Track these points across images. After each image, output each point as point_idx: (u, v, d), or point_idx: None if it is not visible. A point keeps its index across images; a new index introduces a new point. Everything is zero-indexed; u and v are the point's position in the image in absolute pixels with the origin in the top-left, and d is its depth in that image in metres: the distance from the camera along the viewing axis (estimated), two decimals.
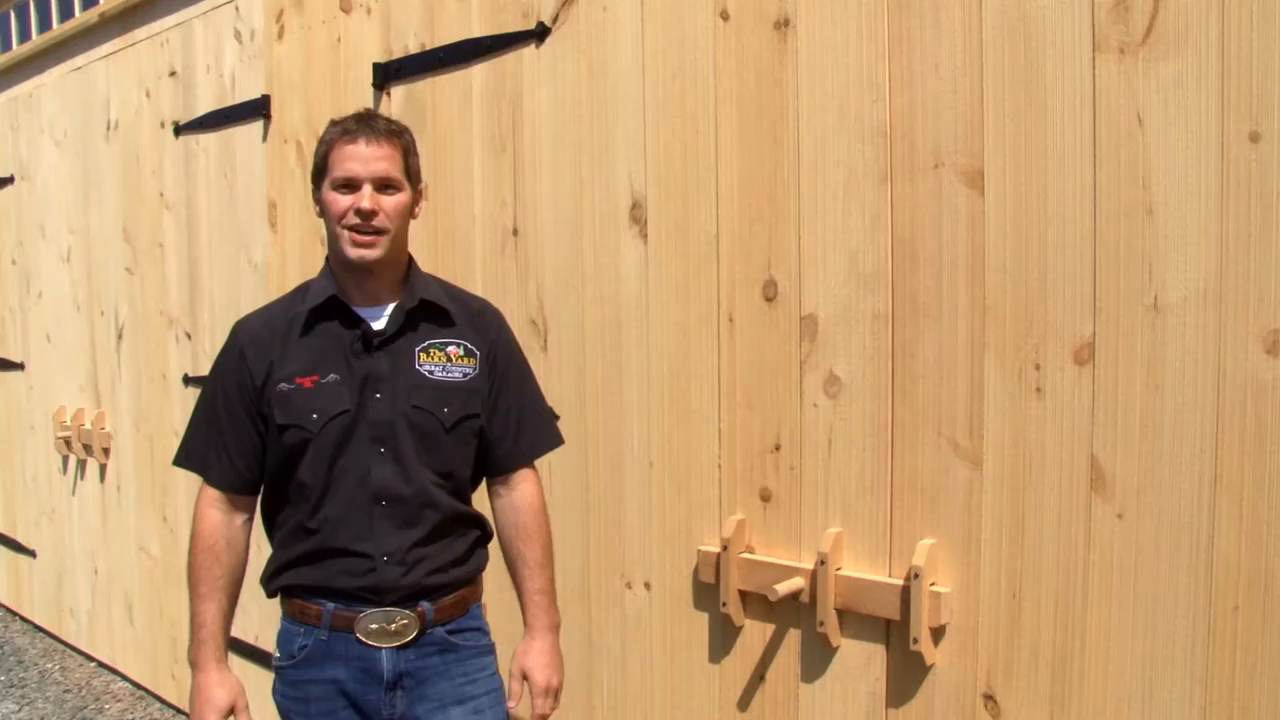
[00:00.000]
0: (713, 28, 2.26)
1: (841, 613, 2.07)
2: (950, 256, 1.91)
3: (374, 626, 1.90)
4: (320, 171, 1.93)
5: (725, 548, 2.23)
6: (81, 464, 4.77)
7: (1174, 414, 1.68)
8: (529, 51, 2.67)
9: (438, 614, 1.95)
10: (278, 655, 2.00)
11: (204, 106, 3.80)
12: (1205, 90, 1.64)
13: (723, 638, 2.32)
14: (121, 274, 4.35)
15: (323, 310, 1.94)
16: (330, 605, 1.91)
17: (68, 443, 4.78)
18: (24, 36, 5.23)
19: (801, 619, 2.15)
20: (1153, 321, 1.70)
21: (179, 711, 4.26)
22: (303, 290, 2.03)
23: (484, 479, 2.09)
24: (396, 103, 3.01)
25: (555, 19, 2.60)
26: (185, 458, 2.04)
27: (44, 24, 5.05)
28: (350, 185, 1.87)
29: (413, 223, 1.99)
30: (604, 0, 2.49)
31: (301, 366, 1.92)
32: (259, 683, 3.51)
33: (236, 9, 3.62)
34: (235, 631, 3.82)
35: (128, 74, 4.24)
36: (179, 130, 3.92)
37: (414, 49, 2.98)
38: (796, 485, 2.16)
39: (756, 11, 2.18)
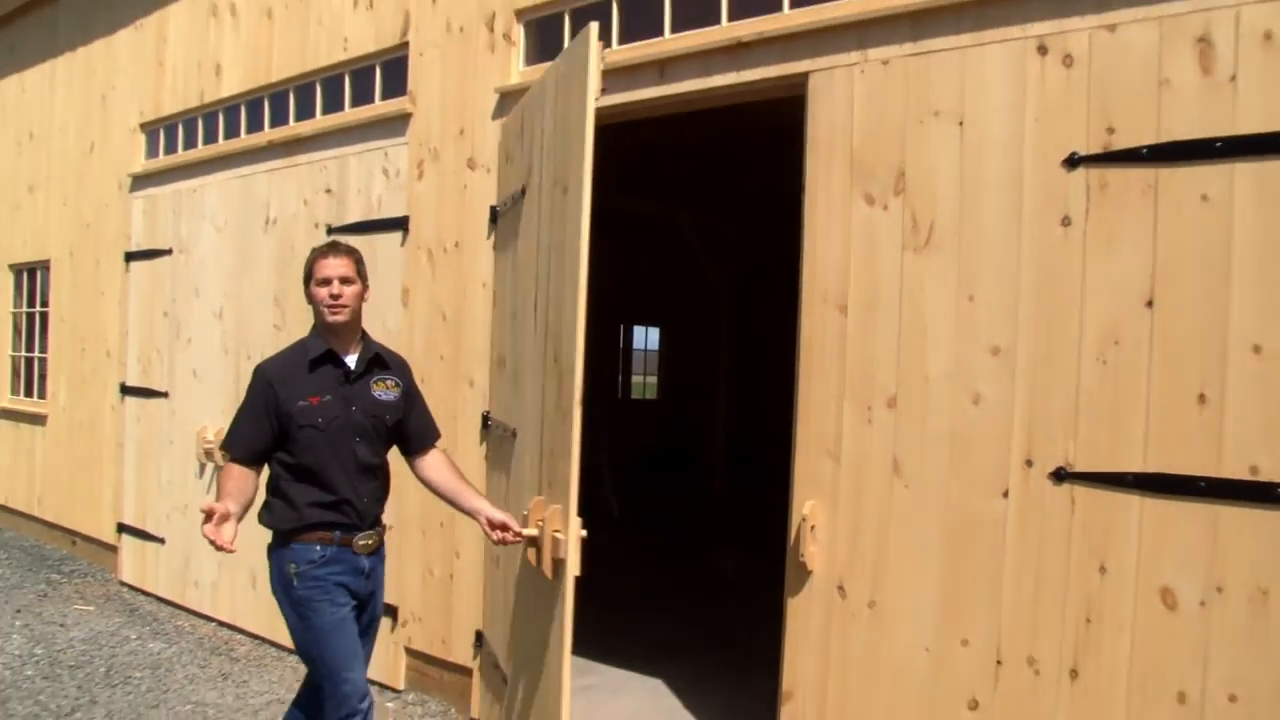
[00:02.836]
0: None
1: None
2: (832, 350, 3.56)
3: (363, 542, 3.34)
4: (308, 276, 3.39)
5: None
6: (218, 469, 6.32)
7: (933, 431, 3.31)
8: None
9: (381, 536, 3.45)
10: (296, 565, 3.26)
11: (353, 217, 5.45)
12: (950, 273, 3.30)
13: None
14: (270, 329, 5.95)
15: (321, 358, 3.37)
16: (338, 532, 3.29)
17: (208, 453, 6.33)
18: (189, 145, 6.91)
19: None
20: (925, 386, 3.34)
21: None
22: (303, 346, 3.42)
23: (407, 455, 3.57)
24: (499, 231, 4.66)
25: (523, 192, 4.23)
26: (228, 442, 3.37)
27: (210, 137, 6.72)
28: (325, 282, 3.35)
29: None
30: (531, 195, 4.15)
31: (311, 391, 3.31)
32: None
33: (385, 154, 5.29)
34: None
35: (288, 186, 5.90)
36: (330, 231, 5.56)
37: (506, 199, 4.65)
38: None
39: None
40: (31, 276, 8.96)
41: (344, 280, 3.39)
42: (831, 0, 3.68)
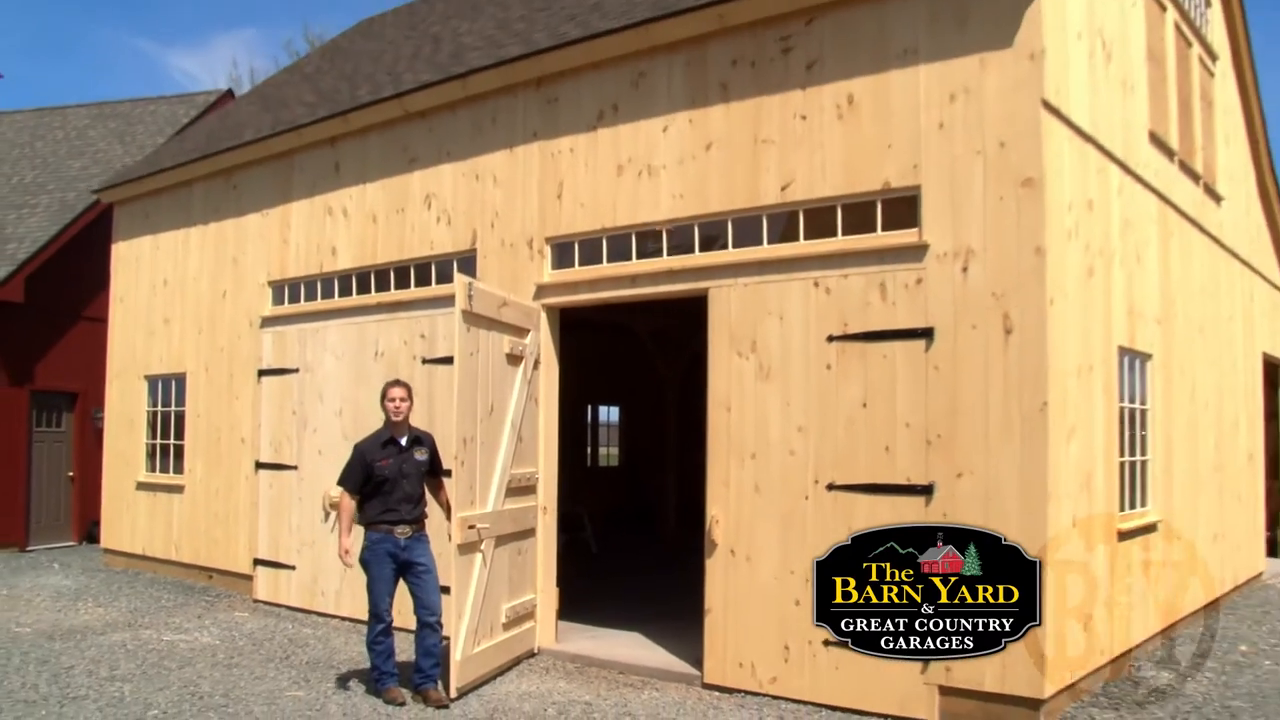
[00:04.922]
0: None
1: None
2: (723, 430, 6.99)
3: (400, 530, 6.77)
4: (383, 397, 7.02)
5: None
6: (333, 508, 9.51)
7: (773, 469, 6.75)
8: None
9: (417, 529, 6.88)
10: (367, 541, 6.84)
11: (442, 353, 8.79)
12: (778, 392, 6.78)
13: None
14: (378, 423, 9.21)
15: (388, 441, 6.91)
16: (386, 526, 6.77)
17: (332, 505, 9.54)
18: (310, 298, 10.24)
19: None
20: (769, 447, 6.79)
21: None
22: (378, 434, 7.00)
23: (427, 481, 7.02)
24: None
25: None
26: (341, 481, 6.95)
27: (327, 294, 10.06)
28: (392, 400, 6.94)
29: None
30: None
31: (382, 457, 6.86)
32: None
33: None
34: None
35: (392, 331, 9.25)
36: (425, 362, 8.92)
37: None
38: None
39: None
40: (166, 386, 12.15)
41: (402, 399, 6.93)
42: (719, 250, 7.20)
